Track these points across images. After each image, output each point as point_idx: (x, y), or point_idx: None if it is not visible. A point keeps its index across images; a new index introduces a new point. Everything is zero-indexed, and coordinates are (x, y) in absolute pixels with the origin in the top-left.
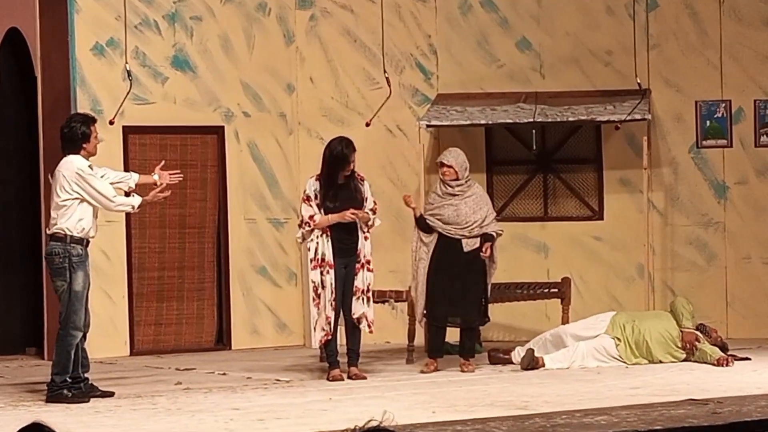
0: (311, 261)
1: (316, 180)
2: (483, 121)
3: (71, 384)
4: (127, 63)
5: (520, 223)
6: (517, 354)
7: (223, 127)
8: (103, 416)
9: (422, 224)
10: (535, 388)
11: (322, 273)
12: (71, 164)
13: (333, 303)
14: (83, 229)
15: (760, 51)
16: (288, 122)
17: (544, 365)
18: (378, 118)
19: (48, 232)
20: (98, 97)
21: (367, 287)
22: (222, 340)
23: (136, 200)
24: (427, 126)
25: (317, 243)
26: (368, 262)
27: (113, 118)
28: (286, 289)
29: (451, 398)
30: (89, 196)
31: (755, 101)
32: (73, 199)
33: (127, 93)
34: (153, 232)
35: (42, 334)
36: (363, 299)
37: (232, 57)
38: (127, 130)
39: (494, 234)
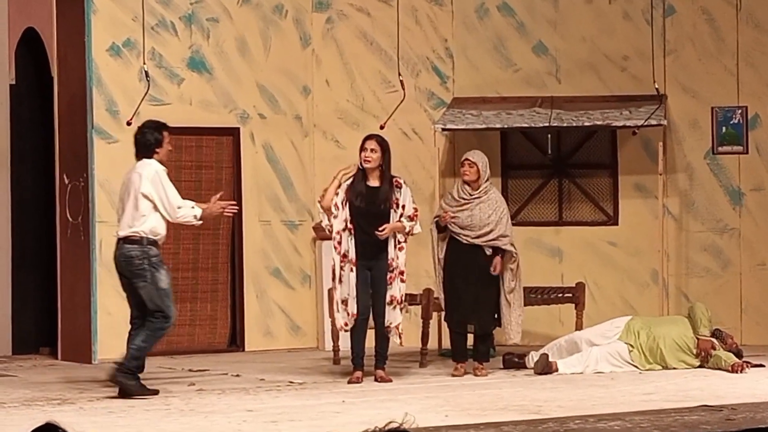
0: (335, 248)
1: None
2: (498, 126)
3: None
4: (144, 64)
5: (535, 228)
6: (531, 359)
7: (238, 128)
8: (116, 416)
9: (438, 225)
10: (548, 393)
11: (342, 268)
12: (150, 166)
13: (356, 299)
14: (158, 233)
15: None
16: (303, 124)
17: (557, 370)
18: (393, 121)
19: (120, 234)
20: (114, 97)
21: (401, 298)
22: (235, 341)
23: (198, 211)
24: (443, 130)
25: (341, 237)
26: (402, 273)
27: (131, 119)
28: (299, 291)
29: (464, 402)
30: (158, 200)
31: None
32: (149, 200)
33: (144, 94)
34: (167, 233)
35: (56, 334)
36: (398, 309)
37: (249, 59)
38: None
39: (505, 249)
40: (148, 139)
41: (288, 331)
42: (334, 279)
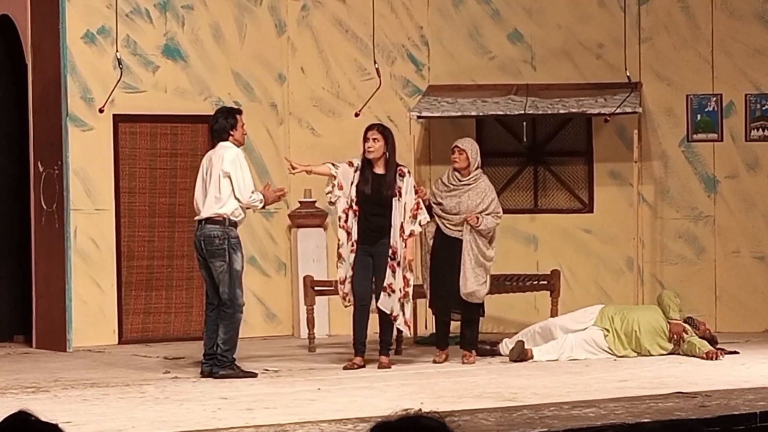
0: (341, 226)
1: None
2: (474, 113)
3: (206, 361)
4: (117, 51)
5: (510, 215)
6: (505, 346)
7: None
8: (90, 404)
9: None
10: (523, 380)
11: (343, 246)
12: (231, 149)
13: (353, 285)
14: (240, 215)
15: (752, 45)
16: (279, 112)
17: (533, 357)
18: (369, 108)
19: (202, 215)
20: (89, 85)
21: (402, 287)
22: None
23: (261, 196)
24: (418, 117)
25: (346, 215)
26: (409, 264)
27: (103, 106)
28: (275, 279)
29: (440, 389)
30: (234, 180)
31: (746, 95)
32: (230, 180)
33: (118, 81)
34: (142, 221)
35: (30, 322)
36: (395, 297)
37: (223, 46)
38: (118, 119)
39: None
40: (222, 124)
41: (263, 319)
42: (338, 258)
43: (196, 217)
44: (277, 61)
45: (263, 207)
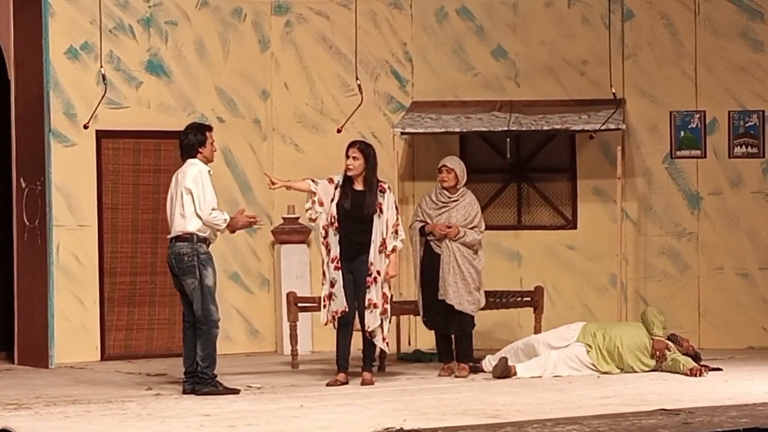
0: (321, 243)
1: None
2: (457, 129)
3: (187, 379)
4: (101, 67)
5: (494, 232)
6: (488, 362)
7: None
8: (72, 421)
9: (422, 231)
10: (506, 397)
11: (327, 264)
12: (195, 166)
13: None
14: (207, 231)
15: (735, 62)
16: (262, 128)
17: (516, 374)
18: (353, 124)
19: (171, 234)
20: (72, 101)
21: (381, 302)
22: None
23: (227, 216)
24: (402, 133)
25: (326, 232)
26: (387, 281)
27: (88, 122)
28: (258, 295)
29: (423, 406)
30: (195, 196)
31: (729, 112)
32: (192, 197)
33: (102, 97)
34: (125, 237)
35: (12, 338)
36: (376, 313)
37: (207, 62)
38: (101, 135)
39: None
40: (191, 140)
41: (246, 335)
42: (323, 276)
43: (168, 236)
44: (260, 77)
45: (232, 231)
